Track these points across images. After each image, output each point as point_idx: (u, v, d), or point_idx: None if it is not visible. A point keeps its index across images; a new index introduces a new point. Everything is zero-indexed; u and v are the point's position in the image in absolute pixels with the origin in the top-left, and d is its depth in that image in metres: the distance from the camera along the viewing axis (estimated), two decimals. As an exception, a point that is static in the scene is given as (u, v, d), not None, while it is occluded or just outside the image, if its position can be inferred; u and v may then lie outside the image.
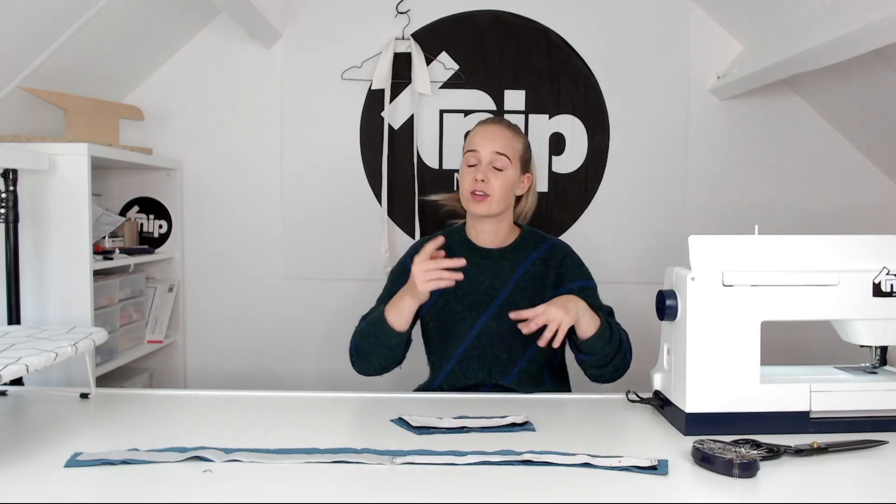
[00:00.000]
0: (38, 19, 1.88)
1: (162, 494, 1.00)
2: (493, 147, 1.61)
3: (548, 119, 2.58)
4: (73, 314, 1.89)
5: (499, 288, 1.61)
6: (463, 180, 1.64)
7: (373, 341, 1.55)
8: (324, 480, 1.05)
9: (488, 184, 1.59)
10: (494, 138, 1.62)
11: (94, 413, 1.40)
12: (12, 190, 1.74)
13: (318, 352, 2.63)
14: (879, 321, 1.31)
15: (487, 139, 1.62)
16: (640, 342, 1.92)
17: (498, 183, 1.59)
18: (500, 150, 1.61)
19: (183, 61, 2.59)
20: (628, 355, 1.56)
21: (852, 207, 2.60)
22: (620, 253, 2.61)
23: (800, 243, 1.32)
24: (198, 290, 2.64)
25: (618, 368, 1.54)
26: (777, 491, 1.03)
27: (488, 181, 1.59)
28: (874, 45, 1.71)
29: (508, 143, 1.63)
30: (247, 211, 2.63)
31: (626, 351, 1.55)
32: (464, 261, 1.46)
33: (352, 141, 2.59)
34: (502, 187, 1.60)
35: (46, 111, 2.20)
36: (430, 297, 1.61)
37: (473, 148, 1.63)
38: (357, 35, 2.55)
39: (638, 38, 2.57)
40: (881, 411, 1.28)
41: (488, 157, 1.60)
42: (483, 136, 1.63)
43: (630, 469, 1.09)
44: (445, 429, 1.28)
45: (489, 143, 1.61)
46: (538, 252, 1.65)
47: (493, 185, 1.59)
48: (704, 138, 2.61)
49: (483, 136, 1.63)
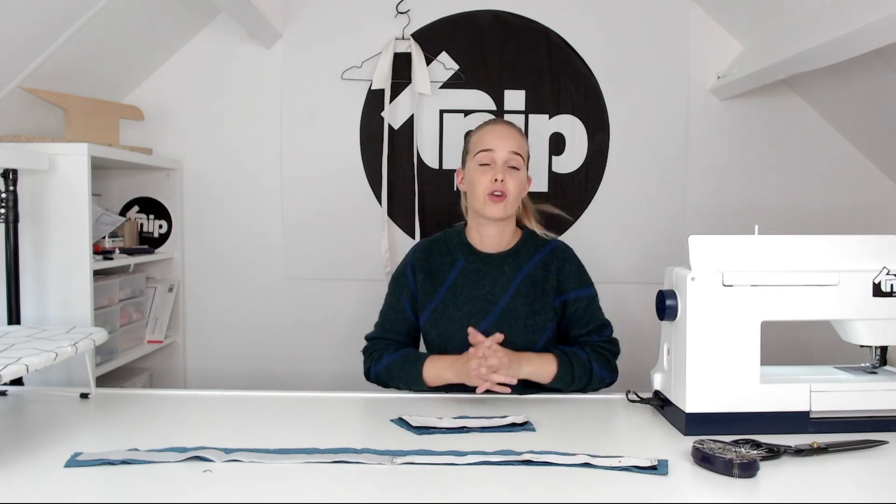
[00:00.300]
0: (38, 19, 1.88)
1: (162, 494, 1.00)
2: (509, 147, 1.59)
3: (548, 119, 2.58)
4: (73, 314, 1.89)
5: (499, 294, 1.59)
6: (478, 181, 1.59)
7: (402, 385, 1.55)
8: (324, 480, 1.05)
9: (505, 184, 1.57)
10: (508, 137, 1.60)
11: (94, 413, 1.40)
12: (12, 190, 1.74)
13: (319, 352, 2.63)
14: (879, 321, 1.31)
15: (502, 138, 1.60)
16: (640, 342, 1.93)
17: (514, 183, 1.58)
18: (516, 149, 1.59)
19: (183, 61, 2.59)
20: (607, 378, 1.55)
21: (852, 207, 2.59)
22: (620, 253, 2.61)
23: (800, 243, 1.32)
24: (198, 290, 2.64)
25: (595, 389, 1.55)
26: (777, 491, 1.03)
27: (505, 181, 1.57)
28: (874, 45, 1.71)
29: (520, 144, 1.61)
30: (247, 211, 2.63)
31: (604, 375, 1.54)
32: (501, 336, 1.46)
33: (352, 141, 2.59)
34: (517, 187, 1.59)
35: (46, 111, 2.20)
36: (429, 304, 1.62)
37: (488, 147, 1.59)
38: (357, 35, 2.55)
39: (638, 38, 2.57)
40: (881, 411, 1.28)
41: (504, 157, 1.58)
42: (498, 135, 1.61)
43: (630, 469, 1.09)
44: (445, 429, 1.28)
45: (505, 143, 1.59)
46: (539, 255, 1.63)
47: (509, 185, 1.57)
48: (704, 138, 2.61)
49: (498, 136, 1.60)
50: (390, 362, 1.57)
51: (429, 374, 1.51)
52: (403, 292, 1.65)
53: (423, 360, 1.53)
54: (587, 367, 1.51)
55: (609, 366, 1.56)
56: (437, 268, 1.64)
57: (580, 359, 1.52)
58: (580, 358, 1.52)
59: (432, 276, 1.63)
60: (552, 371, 1.49)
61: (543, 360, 1.50)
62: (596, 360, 1.53)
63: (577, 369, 1.50)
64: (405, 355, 1.57)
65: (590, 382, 1.52)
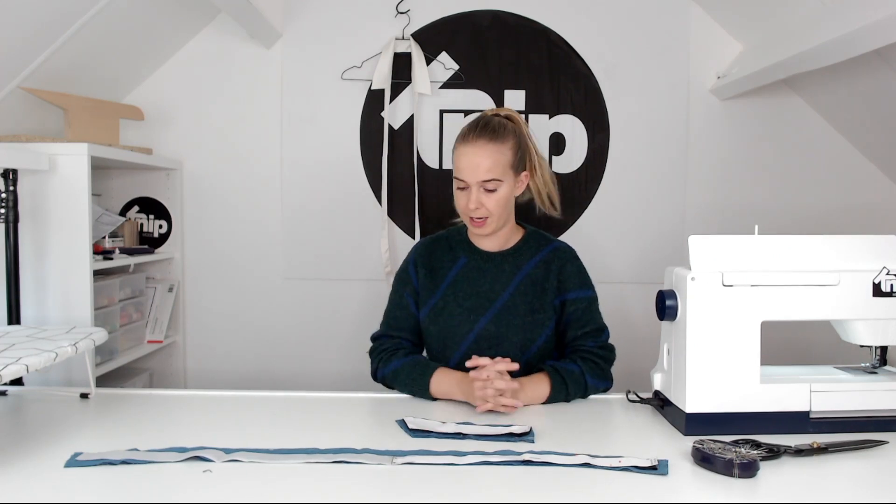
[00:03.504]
0: (38, 19, 1.88)
1: (162, 494, 1.00)
2: (478, 177, 1.51)
3: (548, 119, 2.58)
4: (73, 314, 1.89)
5: (499, 291, 1.59)
6: (458, 202, 1.57)
7: (407, 391, 1.53)
8: (324, 480, 1.05)
9: (483, 207, 1.53)
10: (478, 165, 1.51)
11: (94, 413, 1.40)
12: (12, 190, 1.74)
13: (319, 352, 2.63)
14: (879, 321, 1.31)
15: (471, 168, 1.51)
16: (640, 342, 1.93)
17: (493, 203, 1.53)
18: (486, 176, 1.51)
19: (183, 61, 2.59)
20: (601, 386, 1.53)
21: (852, 207, 2.60)
22: (620, 253, 2.61)
23: (800, 243, 1.32)
24: (198, 290, 2.64)
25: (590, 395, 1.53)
26: (777, 491, 1.03)
27: (482, 205, 1.53)
28: (874, 45, 1.70)
29: (494, 163, 1.51)
30: (247, 211, 2.63)
31: (598, 385, 1.52)
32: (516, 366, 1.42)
33: (352, 141, 2.59)
34: (498, 205, 1.54)
35: (46, 111, 2.20)
36: (430, 300, 1.61)
37: (459, 177, 1.53)
38: (357, 35, 2.55)
39: (638, 38, 2.57)
40: (881, 411, 1.28)
41: (476, 186, 1.53)
42: (466, 163, 1.52)
43: (630, 469, 1.09)
44: (440, 433, 1.26)
45: (474, 173, 1.51)
46: (540, 255, 1.62)
47: (488, 207, 1.53)
48: (704, 138, 2.61)
49: (466, 164, 1.52)
50: (398, 367, 1.55)
51: (436, 389, 1.49)
52: (406, 288, 1.65)
53: (431, 373, 1.50)
54: (581, 382, 1.49)
55: (603, 374, 1.54)
56: (439, 264, 1.64)
57: (573, 374, 1.49)
58: (572, 373, 1.49)
59: (433, 272, 1.63)
60: (545, 393, 1.47)
61: (537, 388, 1.47)
62: (589, 371, 1.51)
63: (571, 387, 1.48)
64: (413, 363, 1.54)
65: (585, 394, 1.51)
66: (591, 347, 1.56)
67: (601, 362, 1.55)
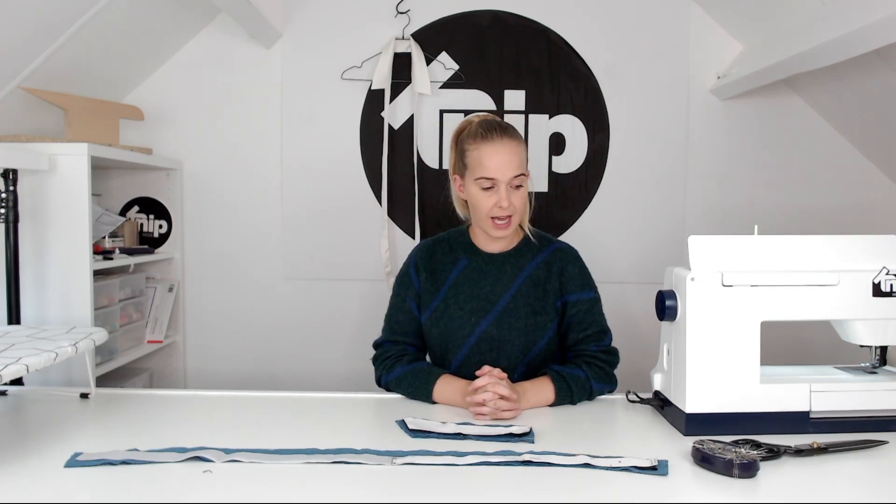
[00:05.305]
0: (38, 19, 1.88)
1: (162, 494, 1.00)
2: (512, 172, 1.51)
3: (548, 119, 2.58)
4: (73, 314, 1.89)
5: (500, 293, 1.58)
6: (481, 203, 1.53)
7: (410, 396, 1.53)
8: (324, 480, 1.05)
9: (510, 207, 1.52)
10: (509, 163, 1.51)
11: (94, 413, 1.40)
12: (12, 190, 1.74)
13: (319, 352, 2.63)
14: (879, 321, 1.31)
15: (504, 165, 1.50)
16: (640, 342, 1.93)
17: (520, 201, 1.54)
18: (517, 172, 1.51)
19: (183, 61, 2.59)
20: (607, 389, 1.53)
21: (852, 207, 2.60)
22: (621, 253, 2.61)
23: (800, 243, 1.32)
24: (198, 290, 2.64)
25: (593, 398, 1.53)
26: (777, 491, 1.03)
27: (511, 203, 1.52)
28: (874, 45, 1.71)
29: (521, 160, 1.53)
30: (247, 211, 2.63)
31: (603, 389, 1.52)
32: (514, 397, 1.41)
33: (352, 141, 2.59)
34: (522, 202, 1.56)
35: (46, 111, 2.20)
36: (431, 302, 1.61)
37: (490, 176, 1.51)
38: (357, 35, 2.55)
39: (638, 39, 2.57)
40: (881, 411, 1.28)
41: (507, 183, 1.52)
42: (498, 161, 1.51)
43: (630, 469, 1.09)
44: (440, 433, 1.26)
45: (507, 170, 1.51)
46: (542, 256, 1.61)
47: (515, 205, 1.53)
48: (704, 138, 2.61)
49: (497, 163, 1.51)
50: (402, 374, 1.54)
51: (439, 396, 1.48)
52: (408, 292, 1.64)
53: (434, 380, 1.49)
54: (586, 388, 1.48)
55: (608, 378, 1.53)
56: (440, 267, 1.63)
57: (578, 380, 1.48)
58: (578, 379, 1.48)
59: (434, 274, 1.63)
60: (548, 399, 1.46)
61: (540, 393, 1.47)
62: (594, 377, 1.50)
63: (576, 394, 1.47)
64: (417, 370, 1.53)
65: (590, 398, 1.51)
66: (594, 352, 1.54)
67: (606, 367, 1.54)
